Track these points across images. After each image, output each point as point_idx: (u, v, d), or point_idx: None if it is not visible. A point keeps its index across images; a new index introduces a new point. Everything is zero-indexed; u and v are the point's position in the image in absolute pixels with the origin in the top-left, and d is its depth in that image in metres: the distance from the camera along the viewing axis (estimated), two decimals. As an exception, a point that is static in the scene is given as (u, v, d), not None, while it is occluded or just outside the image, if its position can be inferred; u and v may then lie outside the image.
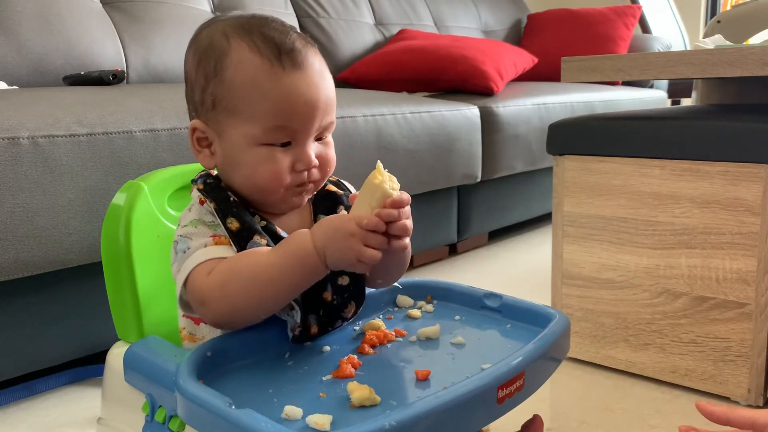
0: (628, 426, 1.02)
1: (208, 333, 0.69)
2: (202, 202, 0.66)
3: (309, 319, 0.65)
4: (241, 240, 0.63)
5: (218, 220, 0.64)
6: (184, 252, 0.63)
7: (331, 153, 0.68)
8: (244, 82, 0.62)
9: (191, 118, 0.68)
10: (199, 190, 0.66)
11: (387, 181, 0.60)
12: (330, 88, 0.66)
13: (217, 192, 0.66)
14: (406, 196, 0.60)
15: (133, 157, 1.11)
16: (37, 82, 1.55)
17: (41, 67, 1.55)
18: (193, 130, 0.66)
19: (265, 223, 0.66)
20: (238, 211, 0.64)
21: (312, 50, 0.66)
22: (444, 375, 0.60)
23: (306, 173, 0.65)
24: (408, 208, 0.60)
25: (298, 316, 0.64)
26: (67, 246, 1.04)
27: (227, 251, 0.63)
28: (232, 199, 0.65)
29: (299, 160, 0.64)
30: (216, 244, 0.63)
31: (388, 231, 0.58)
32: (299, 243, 0.59)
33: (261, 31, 0.63)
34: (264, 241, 0.63)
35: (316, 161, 0.65)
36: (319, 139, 0.67)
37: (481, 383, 0.54)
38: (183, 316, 0.70)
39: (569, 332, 0.67)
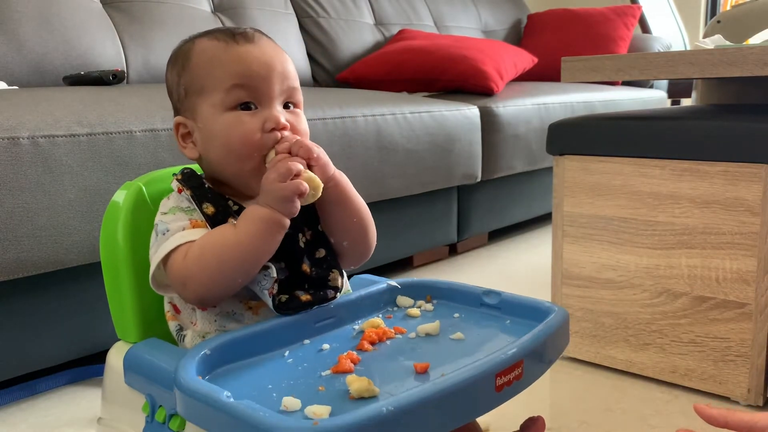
0: (628, 426, 1.02)
1: (186, 319, 0.71)
2: (180, 191, 0.70)
3: (296, 292, 0.68)
4: (216, 223, 0.67)
5: (194, 205, 0.68)
6: (164, 234, 0.67)
7: (302, 124, 0.71)
8: (205, 61, 0.69)
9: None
10: (177, 180, 0.70)
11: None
12: (287, 61, 0.71)
13: (193, 181, 0.70)
14: (284, 137, 0.67)
15: (133, 157, 1.11)
16: (37, 82, 1.55)
17: (41, 67, 1.55)
18: (177, 126, 0.72)
19: (237, 207, 0.69)
20: (213, 196, 0.69)
21: (266, 37, 0.72)
22: (442, 368, 0.60)
23: (278, 135, 0.67)
24: (298, 142, 0.66)
25: (273, 271, 0.65)
26: (67, 246, 1.04)
27: (203, 233, 0.66)
28: (207, 186, 0.70)
29: (267, 120, 0.68)
30: (193, 227, 0.67)
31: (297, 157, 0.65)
32: (252, 209, 0.64)
33: (219, 29, 0.72)
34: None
35: (286, 123, 0.68)
36: (287, 108, 0.71)
37: (479, 370, 0.53)
38: (168, 301, 0.73)
39: (568, 325, 0.67)
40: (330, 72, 2.31)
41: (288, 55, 0.72)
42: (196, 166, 0.75)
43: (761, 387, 1.05)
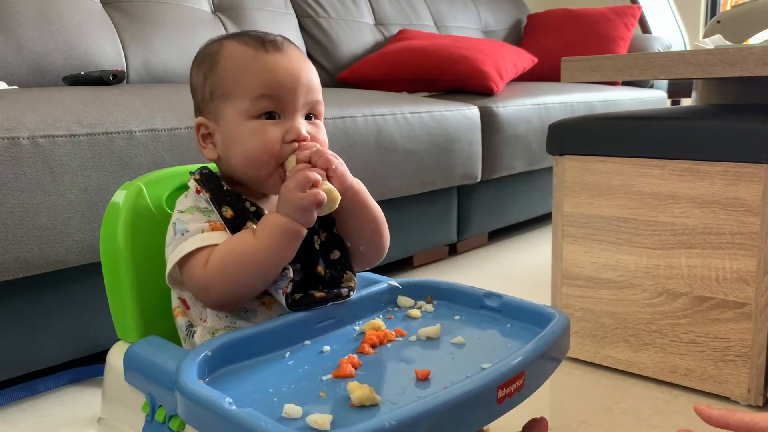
0: (628, 426, 1.02)
1: (196, 315, 0.71)
2: (198, 191, 0.70)
3: (311, 291, 0.69)
4: (235, 226, 0.68)
5: (212, 207, 0.69)
6: (182, 234, 0.67)
7: (322, 135, 0.73)
8: (233, 67, 0.69)
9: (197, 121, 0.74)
10: (195, 180, 0.71)
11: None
12: (313, 72, 0.72)
13: (211, 182, 0.70)
14: (303, 145, 0.68)
15: (133, 157, 1.11)
16: (37, 82, 1.55)
17: (41, 67, 1.55)
18: (198, 126, 0.73)
19: (255, 209, 0.70)
20: (232, 199, 0.69)
21: (294, 46, 0.73)
22: (444, 375, 0.60)
23: (297, 146, 0.68)
24: (318, 152, 0.67)
25: (290, 272, 0.67)
26: (67, 246, 1.04)
27: (222, 237, 0.67)
28: (225, 188, 0.70)
29: (289, 131, 0.69)
30: (212, 229, 0.67)
31: (316, 168, 0.66)
32: (271, 217, 0.66)
33: (248, 33, 0.72)
34: (255, 227, 0.67)
35: (306, 135, 0.69)
36: (308, 118, 0.72)
37: (481, 383, 0.53)
38: (177, 297, 0.73)
39: (569, 332, 0.67)
40: (330, 72, 2.30)
41: (312, 65, 0.73)
42: (197, 167, 0.75)
43: (761, 387, 1.05)
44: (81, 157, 1.05)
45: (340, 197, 0.66)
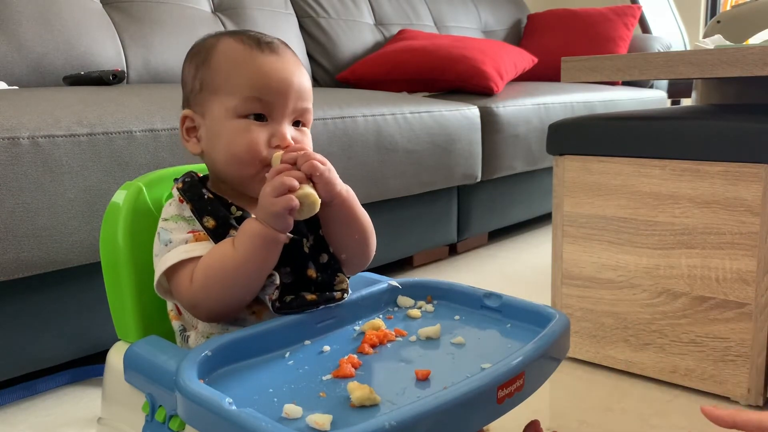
0: (628, 426, 1.02)
1: (188, 320, 0.71)
2: (181, 201, 0.70)
3: (302, 293, 0.68)
4: (218, 236, 0.67)
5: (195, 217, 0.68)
6: (166, 245, 0.67)
7: (308, 142, 0.72)
8: (226, 63, 0.69)
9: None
10: (178, 189, 0.70)
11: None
12: (305, 78, 0.72)
13: (193, 191, 0.69)
14: (292, 147, 0.67)
15: (133, 157, 1.11)
16: (37, 82, 1.55)
17: (41, 67, 1.55)
18: (183, 119, 0.72)
19: (240, 213, 0.69)
20: (213, 208, 0.68)
21: (290, 49, 0.73)
22: (444, 375, 0.60)
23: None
24: (305, 155, 0.65)
25: (276, 278, 0.66)
26: (67, 246, 1.04)
27: (207, 247, 0.67)
28: (206, 196, 0.69)
29: (275, 135, 0.68)
30: (196, 240, 0.67)
31: (297, 171, 0.64)
32: (249, 225, 0.64)
33: (247, 32, 0.72)
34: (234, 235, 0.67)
35: (291, 141, 0.69)
36: (295, 125, 0.71)
37: (481, 383, 0.53)
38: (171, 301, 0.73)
39: (569, 332, 0.67)
40: (330, 72, 2.30)
41: (305, 70, 0.72)
42: (197, 167, 0.75)
43: (761, 387, 1.05)
44: (81, 157, 1.05)
45: (319, 201, 0.64)
